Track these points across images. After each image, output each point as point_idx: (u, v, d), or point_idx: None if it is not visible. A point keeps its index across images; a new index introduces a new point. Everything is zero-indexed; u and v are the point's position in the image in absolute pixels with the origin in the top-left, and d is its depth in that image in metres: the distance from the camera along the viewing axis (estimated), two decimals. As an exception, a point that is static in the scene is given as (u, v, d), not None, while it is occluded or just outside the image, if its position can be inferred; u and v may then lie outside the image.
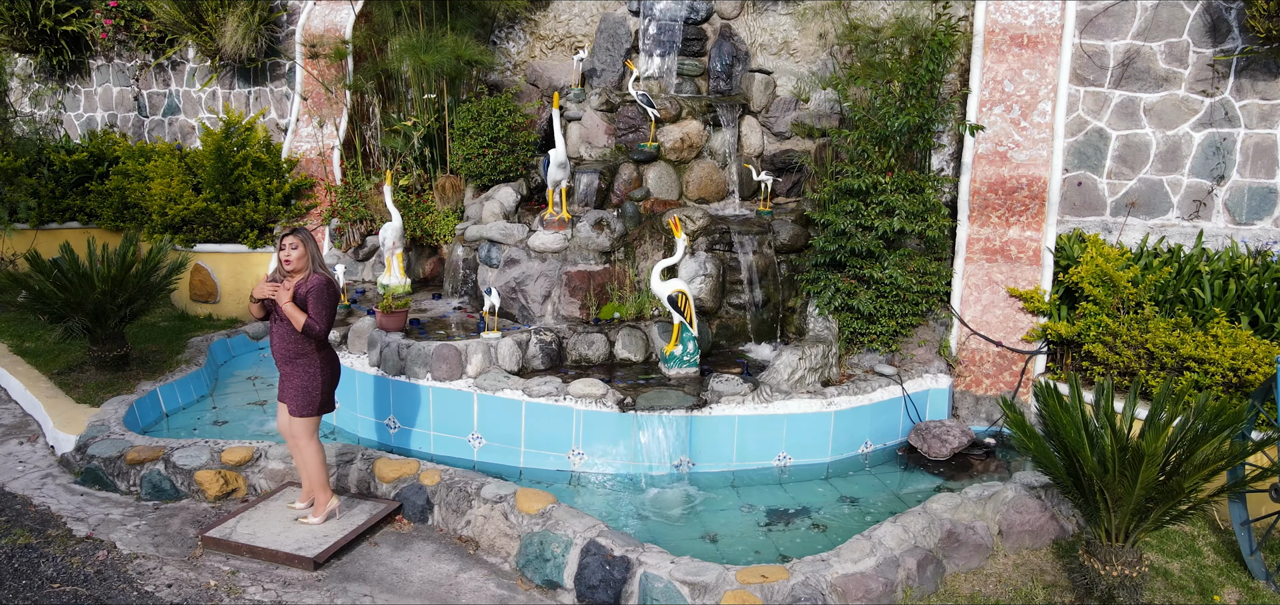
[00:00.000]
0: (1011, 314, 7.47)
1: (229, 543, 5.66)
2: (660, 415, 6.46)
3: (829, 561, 5.15)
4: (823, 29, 8.95)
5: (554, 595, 5.35)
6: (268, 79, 11.48)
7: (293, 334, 5.62)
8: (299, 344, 5.62)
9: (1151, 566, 5.48)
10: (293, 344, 5.62)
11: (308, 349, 5.64)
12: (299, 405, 5.65)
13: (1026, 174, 7.49)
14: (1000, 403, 5.64)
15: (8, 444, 7.07)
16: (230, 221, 9.69)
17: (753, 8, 9.33)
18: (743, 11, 9.36)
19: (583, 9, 9.99)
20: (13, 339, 8.96)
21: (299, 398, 5.64)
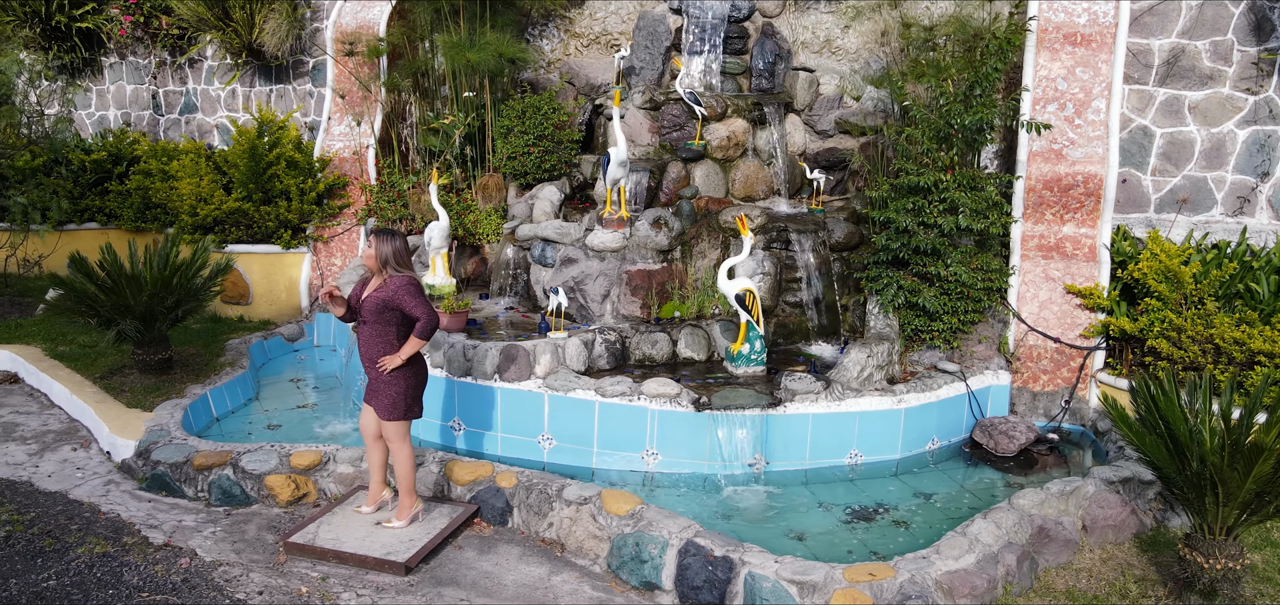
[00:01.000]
0: (1068, 310, 7.53)
1: (314, 548, 5.56)
2: (737, 414, 6.44)
3: (930, 559, 5.16)
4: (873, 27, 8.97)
5: (651, 597, 5.31)
6: (290, 77, 11.31)
7: (379, 340, 5.53)
8: (390, 349, 5.53)
9: (1242, 559, 5.55)
10: (380, 350, 5.53)
11: (394, 352, 5.55)
12: (389, 409, 5.57)
13: (1082, 171, 7.55)
14: (1102, 398, 5.68)
15: (61, 450, 6.90)
16: (264, 222, 9.53)
17: (794, 6, 9.33)
18: (784, 10, 9.35)
19: (619, 7, 9.94)
20: (46, 343, 8.75)
21: (388, 402, 5.56)
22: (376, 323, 5.52)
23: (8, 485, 6.28)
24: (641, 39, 9.57)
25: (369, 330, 5.54)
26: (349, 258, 9.68)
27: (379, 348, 5.54)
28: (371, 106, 9.81)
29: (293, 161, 9.65)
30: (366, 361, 5.58)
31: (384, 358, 5.47)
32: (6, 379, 8.21)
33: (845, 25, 9.19)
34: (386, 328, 5.53)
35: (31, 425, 7.32)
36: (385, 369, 5.46)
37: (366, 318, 5.53)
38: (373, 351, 5.55)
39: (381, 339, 5.53)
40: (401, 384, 5.56)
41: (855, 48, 9.21)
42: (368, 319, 5.53)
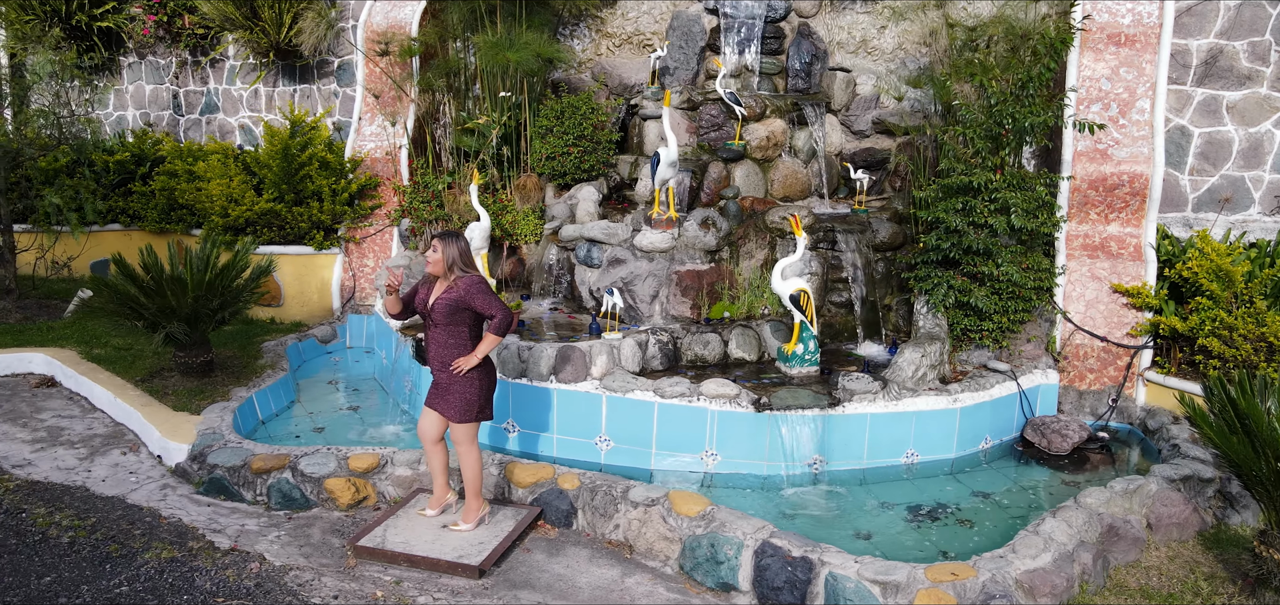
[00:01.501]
0: (1115, 309, 7.57)
1: (383, 552, 5.52)
2: (797, 415, 6.44)
3: (1008, 558, 5.16)
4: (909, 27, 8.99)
5: (728, 598, 5.30)
6: (315, 77, 11.24)
7: (452, 341, 5.50)
8: (463, 350, 5.50)
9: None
10: (452, 352, 5.50)
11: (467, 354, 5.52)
12: (460, 411, 5.53)
13: (1128, 171, 7.59)
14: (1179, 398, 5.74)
15: (110, 454, 6.83)
16: (297, 223, 9.47)
17: (830, 6, 9.35)
18: (821, 10, 9.36)
19: (652, 7, 9.92)
20: (80, 346, 8.65)
21: (460, 405, 5.52)
22: (449, 325, 5.48)
23: (63, 490, 6.21)
24: (676, 39, 9.56)
25: (441, 332, 5.50)
26: (382, 258, 9.63)
27: (452, 350, 5.50)
28: (404, 106, 9.76)
29: (324, 162, 9.59)
30: (437, 364, 5.55)
31: (460, 359, 5.44)
32: (44, 382, 8.11)
33: (881, 26, 9.21)
34: (459, 329, 5.49)
35: (77, 429, 7.24)
36: (461, 369, 5.43)
37: (438, 320, 5.49)
38: (446, 354, 5.51)
39: (454, 340, 5.50)
40: (475, 385, 5.53)
41: (891, 48, 9.23)
42: (439, 321, 5.49)
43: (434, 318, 5.52)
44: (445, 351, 5.52)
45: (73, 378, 8.00)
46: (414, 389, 7.56)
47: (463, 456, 5.66)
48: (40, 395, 7.91)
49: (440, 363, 5.54)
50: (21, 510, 5.89)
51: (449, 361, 5.51)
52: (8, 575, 5.15)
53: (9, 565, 5.25)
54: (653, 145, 9.12)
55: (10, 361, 8.34)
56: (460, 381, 5.51)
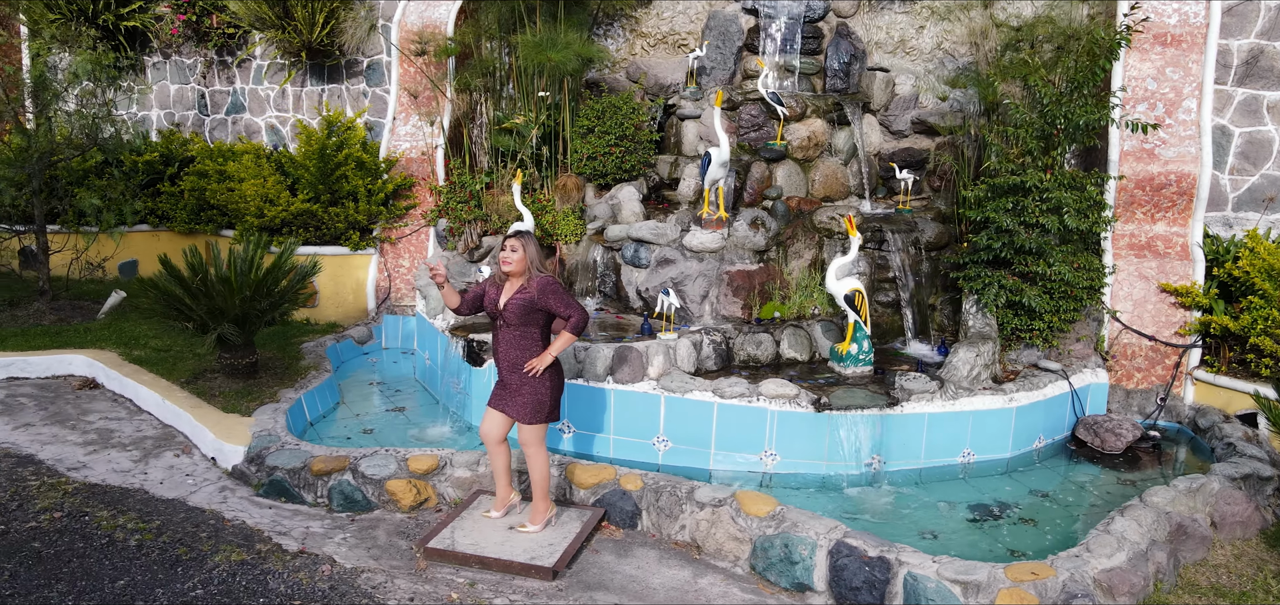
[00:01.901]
0: (1162, 308, 7.60)
1: (454, 554, 5.50)
2: (857, 415, 6.44)
3: (1083, 557, 5.17)
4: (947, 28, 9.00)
5: (803, 598, 5.30)
6: (344, 76, 11.19)
7: (524, 342, 5.48)
8: (534, 353, 5.48)
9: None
10: (524, 353, 5.48)
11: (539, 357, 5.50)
12: (530, 412, 5.52)
13: (1175, 171, 7.62)
14: (1255, 398, 5.77)
15: (163, 456, 6.78)
16: (333, 223, 9.43)
17: (869, 6, 9.35)
18: (859, 10, 9.37)
19: (687, 7, 9.91)
20: (119, 347, 8.59)
21: (530, 405, 5.50)
22: (522, 325, 5.46)
23: (122, 492, 6.16)
24: (713, 39, 9.55)
25: (514, 333, 5.48)
26: (417, 259, 9.60)
27: (523, 350, 5.48)
28: (440, 106, 9.73)
29: (360, 162, 9.55)
30: (507, 365, 5.53)
31: (533, 360, 5.42)
32: (86, 384, 8.06)
33: (920, 26, 9.22)
34: (531, 330, 5.48)
35: (126, 431, 7.19)
36: (536, 370, 5.41)
37: (510, 320, 5.47)
38: (516, 354, 5.49)
39: (527, 341, 5.48)
40: (547, 386, 5.52)
41: (929, 48, 9.24)
42: (512, 322, 5.47)
43: (506, 318, 5.49)
44: (515, 352, 5.50)
45: (116, 379, 7.95)
46: (463, 390, 7.53)
47: (531, 458, 5.64)
48: (84, 397, 7.85)
49: (510, 364, 5.52)
50: (84, 513, 5.85)
51: (519, 362, 5.49)
52: (80, 579, 5.11)
53: (80, 569, 5.21)
54: (692, 145, 9.11)
55: (51, 363, 8.28)
56: (531, 382, 5.49)
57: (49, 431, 7.08)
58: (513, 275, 5.54)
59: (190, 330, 7.55)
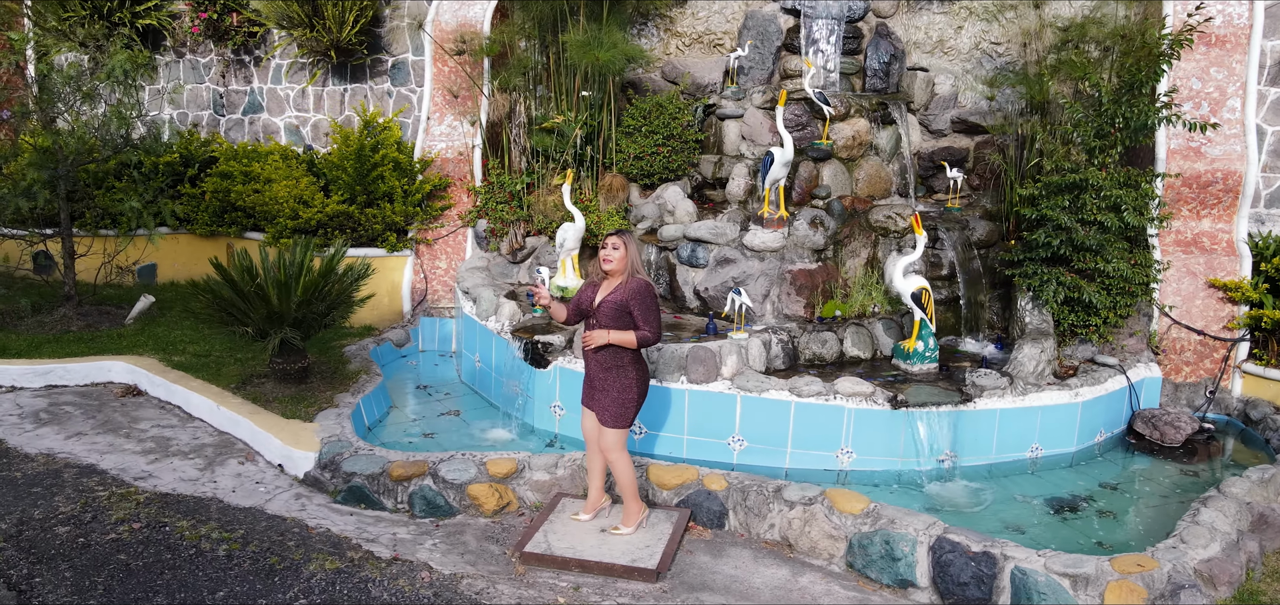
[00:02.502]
0: (1210, 303, 7.76)
1: (552, 558, 5.45)
2: (932, 411, 6.49)
3: (1180, 548, 5.26)
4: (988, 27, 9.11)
5: (906, 594, 5.32)
6: (367, 76, 11.04)
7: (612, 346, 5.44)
8: (618, 354, 5.45)
9: None
10: (614, 355, 5.45)
11: (625, 360, 5.47)
12: (614, 416, 5.48)
13: (1221, 169, 7.78)
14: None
15: (227, 464, 6.64)
16: (370, 225, 9.30)
17: (907, 6, 9.43)
18: (898, 10, 9.45)
19: (723, 6, 9.92)
20: (158, 353, 8.40)
21: (614, 408, 5.47)
22: (612, 325, 5.42)
23: (196, 502, 6.03)
24: (751, 39, 9.57)
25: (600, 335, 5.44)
26: (455, 261, 9.50)
27: (614, 351, 5.45)
28: (476, 105, 9.64)
29: (397, 163, 9.43)
30: (598, 365, 5.48)
31: (590, 332, 5.31)
32: (129, 391, 7.87)
33: (958, 26, 9.32)
34: (622, 331, 5.44)
35: (182, 439, 7.03)
36: (590, 343, 5.32)
37: (602, 320, 5.44)
38: (608, 354, 5.45)
39: (613, 347, 5.45)
40: (633, 389, 5.48)
41: (967, 48, 9.35)
42: (604, 322, 5.44)
43: (599, 318, 5.46)
44: (603, 352, 5.46)
45: (161, 386, 7.77)
46: (524, 393, 7.47)
47: (615, 463, 5.59)
48: (129, 405, 7.66)
49: (599, 363, 5.48)
50: (163, 523, 5.71)
51: (609, 362, 5.46)
52: (178, 591, 4.99)
53: (174, 581, 5.09)
54: (733, 145, 9.12)
55: (89, 370, 8.07)
56: (619, 384, 5.45)
57: (104, 440, 6.90)
58: (612, 274, 5.50)
59: (238, 335, 7.39)
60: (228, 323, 7.35)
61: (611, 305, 5.42)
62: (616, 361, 5.45)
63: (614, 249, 5.45)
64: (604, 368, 5.47)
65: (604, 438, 5.56)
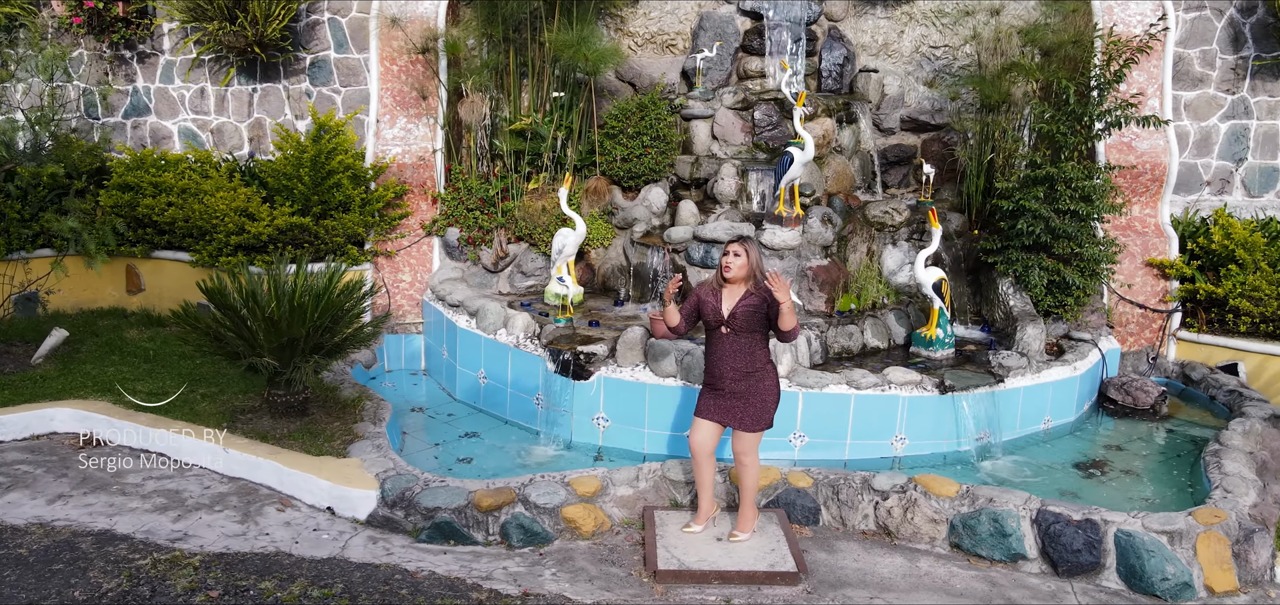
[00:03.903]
0: (1148, 280, 8.77)
1: (688, 573, 5.33)
2: (974, 394, 6.92)
3: (1229, 497, 5.94)
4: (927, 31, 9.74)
5: (1018, 567, 5.66)
6: (282, 75, 10.10)
7: (751, 349, 5.40)
8: (760, 360, 5.42)
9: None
10: (752, 360, 5.40)
11: (766, 363, 5.45)
12: (756, 419, 5.44)
13: (1149, 161, 8.81)
14: None
15: (266, 513, 5.90)
16: (331, 237, 8.53)
17: (855, 11, 9.89)
18: (848, 14, 9.88)
19: (676, 7, 9.95)
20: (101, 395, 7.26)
21: (757, 412, 5.43)
22: (748, 331, 5.38)
23: (264, 559, 5.33)
24: (707, 40, 9.68)
25: (742, 341, 5.38)
26: (420, 273, 8.92)
27: (753, 357, 5.40)
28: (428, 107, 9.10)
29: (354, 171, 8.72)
30: (735, 373, 5.40)
31: (779, 292, 5.17)
32: (85, 442, 6.78)
33: (900, 30, 9.90)
34: (757, 335, 5.41)
35: (191, 490, 6.16)
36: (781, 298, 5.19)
37: (738, 327, 5.37)
38: (745, 362, 5.39)
39: (754, 347, 5.41)
40: (773, 391, 5.48)
41: (909, 51, 9.95)
42: (739, 328, 5.37)
43: (734, 325, 5.38)
44: (742, 360, 5.40)
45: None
46: (557, 407, 7.18)
47: (748, 466, 5.56)
48: (96, 458, 6.59)
49: (737, 371, 5.41)
50: (242, 587, 5.02)
51: (747, 370, 5.40)
52: (318, 660, 4.43)
53: (305, 649, 4.51)
54: (704, 146, 9.20)
55: (27, 421, 6.88)
56: (761, 388, 5.42)
57: (99, 501, 5.92)
58: (734, 281, 5.43)
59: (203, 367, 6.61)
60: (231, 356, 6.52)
61: (747, 309, 5.36)
62: (753, 367, 5.40)
63: (736, 256, 5.40)
64: (742, 376, 5.39)
65: (740, 442, 5.49)
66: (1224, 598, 5.42)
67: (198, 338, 6.58)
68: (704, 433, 5.59)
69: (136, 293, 9.58)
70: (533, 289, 8.77)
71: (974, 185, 8.99)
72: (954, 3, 9.71)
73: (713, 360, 5.50)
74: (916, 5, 9.84)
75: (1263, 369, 8.25)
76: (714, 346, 5.49)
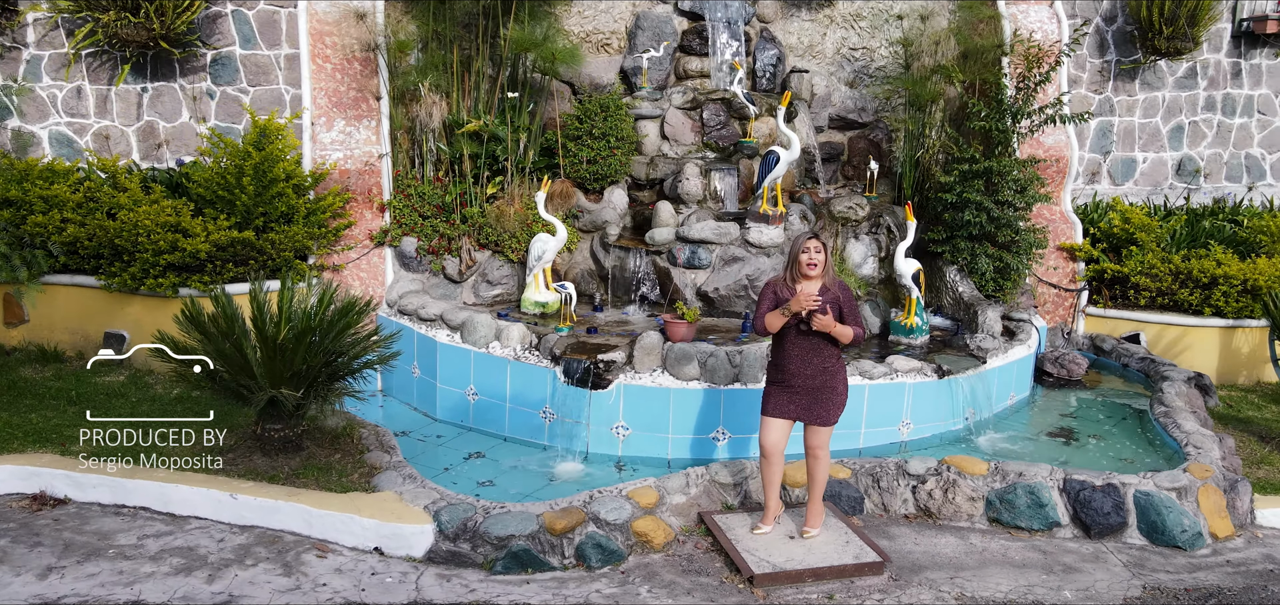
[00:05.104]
0: (1059, 262, 9.67)
1: (784, 574, 5.36)
2: (965, 377, 7.37)
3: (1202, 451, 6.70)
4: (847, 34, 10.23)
5: (1053, 534, 6.10)
6: (177, 74, 9.05)
7: (828, 346, 5.48)
8: (836, 356, 5.51)
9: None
10: (829, 357, 5.49)
11: (838, 361, 5.54)
12: (835, 414, 5.54)
13: (1054, 155, 9.72)
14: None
15: (306, 562, 5.30)
16: (279, 252, 7.75)
17: (783, 13, 10.19)
18: (778, 16, 10.16)
19: (610, 6, 9.82)
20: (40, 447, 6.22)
21: (837, 407, 5.53)
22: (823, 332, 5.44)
23: (342, 612, 4.82)
24: (646, 40, 9.65)
25: (816, 337, 5.43)
26: (372, 286, 8.29)
27: (830, 354, 5.48)
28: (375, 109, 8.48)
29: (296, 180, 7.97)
30: (813, 370, 5.46)
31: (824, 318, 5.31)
32: (43, 503, 5.80)
33: (823, 32, 10.31)
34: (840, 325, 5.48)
35: (206, 545, 5.43)
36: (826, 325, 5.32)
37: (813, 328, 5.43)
38: (823, 360, 5.47)
39: (827, 344, 5.48)
40: (846, 385, 5.58)
41: (831, 52, 10.38)
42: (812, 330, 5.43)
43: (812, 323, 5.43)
44: (817, 356, 5.47)
45: (98, 485, 5.87)
46: (560, 419, 6.94)
47: (823, 461, 5.64)
48: (65, 519, 5.66)
49: (815, 368, 5.47)
50: (335, 647, 4.51)
51: (822, 364, 5.47)
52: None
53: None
54: (653, 146, 9.17)
55: (-43, 485, 5.79)
56: (839, 383, 5.52)
57: (105, 569, 5.11)
58: (813, 278, 5.48)
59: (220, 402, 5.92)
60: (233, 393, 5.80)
61: (827, 307, 5.42)
62: (828, 363, 5.49)
63: (817, 252, 5.46)
64: (818, 372, 5.46)
65: (817, 437, 5.55)
66: (1225, 542, 6.13)
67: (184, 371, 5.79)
68: (778, 431, 5.62)
69: (17, 325, 8.27)
70: (500, 297, 8.39)
71: (908, 179, 9.54)
72: (871, 6, 10.24)
73: (786, 357, 5.53)
74: (837, 9, 10.29)
75: (1160, 337, 9.34)
76: (788, 344, 5.52)
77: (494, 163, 8.62)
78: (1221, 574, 5.68)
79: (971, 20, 9.58)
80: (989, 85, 9.09)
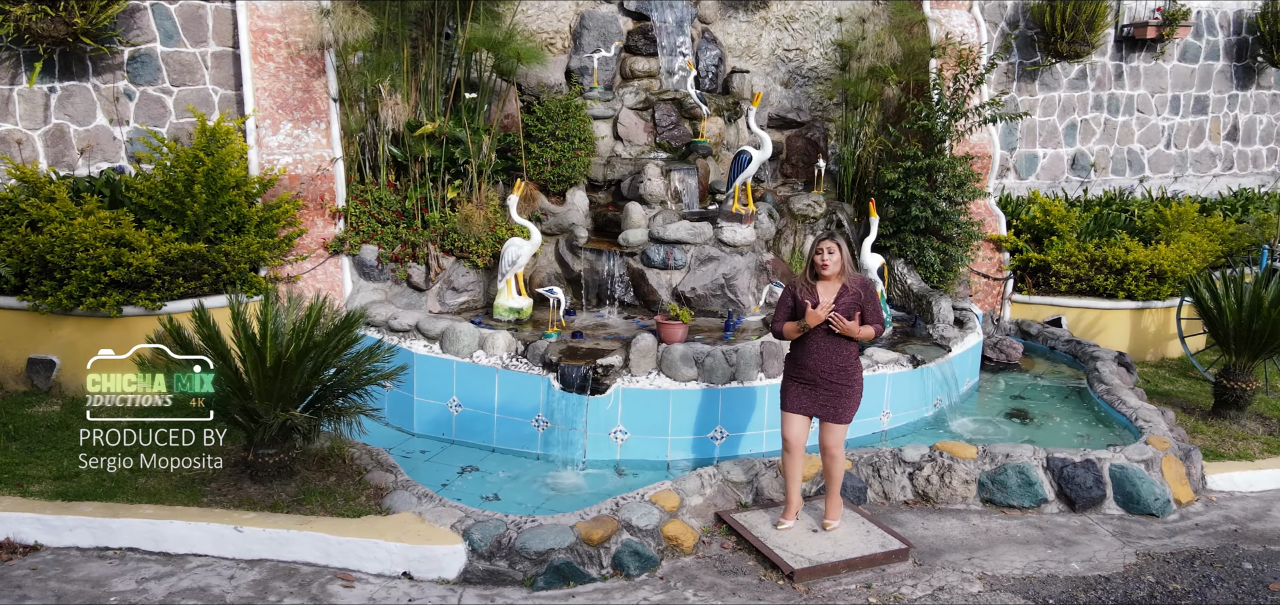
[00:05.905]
0: (986, 252, 10.23)
1: (821, 568, 5.46)
2: (937, 366, 7.69)
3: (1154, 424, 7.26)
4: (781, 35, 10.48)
5: (1042, 510, 6.47)
6: (91, 72, 8.29)
7: (847, 344, 5.60)
8: (852, 353, 5.64)
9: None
10: (846, 355, 5.62)
11: (855, 357, 5.68)
12: (852, 411, 5.66)
13: (979, 152, 10.27)
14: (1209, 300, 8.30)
15: (336, 595, 4.99)
16: (234, 265, 7.22)
17: (722, 14, 10.31)
18: (718, 17, 10.27)
19: (553, 5, 9.67)
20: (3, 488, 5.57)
21: (854, 402, 5.66)
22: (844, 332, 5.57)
23: (394, 644, 4.56)
24: (592, 39, 9.57)
25: (836, 336, 5.55)
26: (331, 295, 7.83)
27: (848, 352, 5.61)
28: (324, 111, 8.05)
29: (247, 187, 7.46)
30: (832, 367, 5.57)
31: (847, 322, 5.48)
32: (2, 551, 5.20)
33: (759, 34, 10.51)
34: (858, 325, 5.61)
35: (216, 585, 5.01)
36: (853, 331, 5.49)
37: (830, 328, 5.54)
38: (841, 357, 5.59)
39: (846, 341, 5.60)
40: (862, 383, 5.71)
41: (767, 53, 10.59)
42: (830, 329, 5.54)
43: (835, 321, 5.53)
44: (838, 355, 5.59)
45: (77, 527, 5.31)
46: (554, 426, 6.81)
47: (837, 457, 5.75)
48: (44, 569, 5.10)
49: (834, 365, 5.58)
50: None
51: (842, 364, 5.60)
52: None
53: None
54: (607, 147, 9.13)
55: (-94, 538, 5.11)
56: (855, 379, 5.66)
57: (112, 619, 4.63)
58: (830, 278, 5.59)
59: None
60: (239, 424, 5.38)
61: (846, 306, 5.55)
62: (847, 361, 5.61)
63: (830, 253, 5.58)
64: (837, 370, 5.57)
65: (833, 435, 5.66)
66: (1188, 507, 6.67)
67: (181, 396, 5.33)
68: (799, 426, 5.71)
69: (-87, 354, 7.37)
70: (467, 305, 8.13)
71: (847, 175, 9.87)
72: (803, 7, 10.53)
73: (806, 355, 5.63)
74: (771, 11, 10.51)
75: (1079, 319, 10.05)
76: (809, 342, 5.62)
77: (452, 165, 8.33)
78: (1196, 537, 6.17)
79: (904, 22, 10.00)
80: (924, 86, 9.50)
